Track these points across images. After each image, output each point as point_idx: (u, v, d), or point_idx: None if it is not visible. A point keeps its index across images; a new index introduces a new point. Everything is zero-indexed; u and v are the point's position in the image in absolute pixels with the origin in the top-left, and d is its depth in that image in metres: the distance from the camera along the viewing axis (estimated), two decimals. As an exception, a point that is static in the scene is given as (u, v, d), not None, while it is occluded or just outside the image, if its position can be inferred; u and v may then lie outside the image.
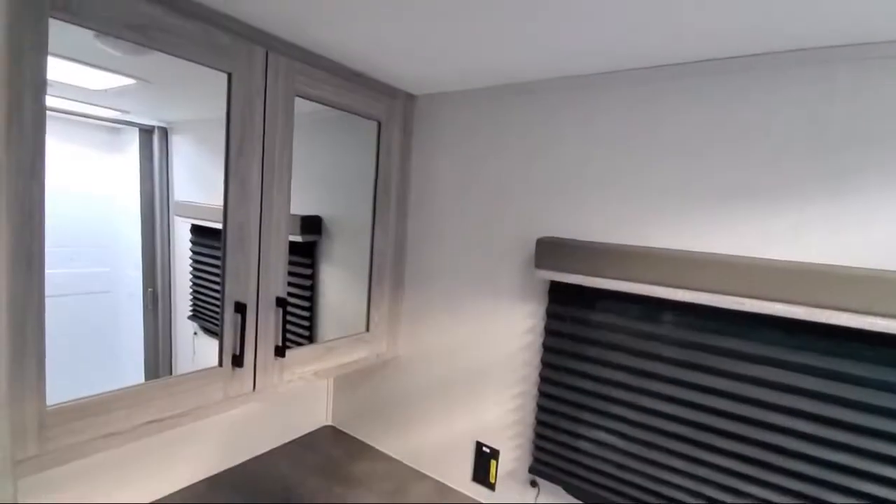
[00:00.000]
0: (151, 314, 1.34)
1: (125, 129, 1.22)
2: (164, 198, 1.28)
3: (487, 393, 1.15)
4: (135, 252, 1.27)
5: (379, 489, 1.21)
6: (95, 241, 1.19)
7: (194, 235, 1.27)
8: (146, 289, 1.30)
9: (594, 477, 0.96)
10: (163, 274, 1.31)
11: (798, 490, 0.76)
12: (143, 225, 1.28)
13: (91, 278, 1.19)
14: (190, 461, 1.16)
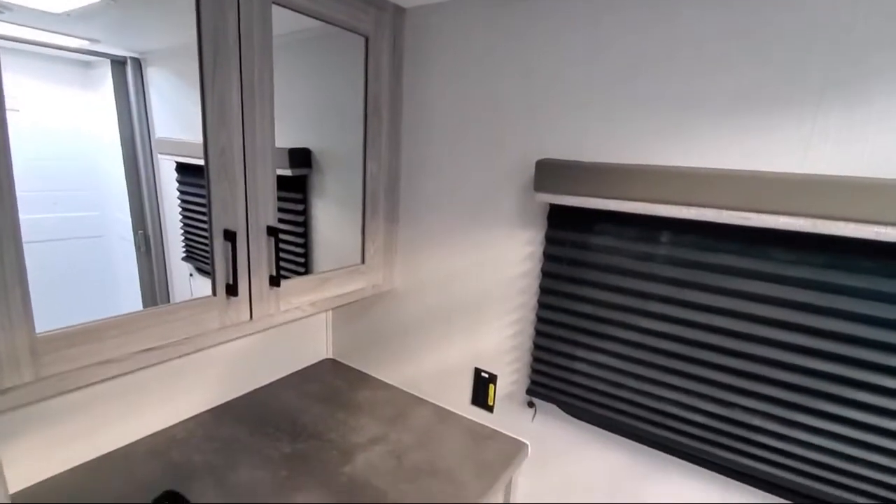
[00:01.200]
0: (145, 257, 1.31)
1: (97, 63, 1.12)
2: (145, 136, 1.21)
3: (485, 321, 1.16)
4: (121, 194, 1.22)
5: (380, 414, 1.25)
6: (80, 185, 1.14)
7: (180, 175, 1.22)
8: (136, 231, 1.27)
9: (590, 395, 0.99)
10: (152, 215, 1.27)
11: (792, 401, 0.78)
12: (125, 165, 1.22)
13: (80, 223, 1.15)
14: (194, 393, 1.18)
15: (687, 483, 0.94)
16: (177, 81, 1.14)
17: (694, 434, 0.88)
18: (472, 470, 1.05)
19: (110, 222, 1.23)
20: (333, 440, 1.13)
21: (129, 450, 1.05)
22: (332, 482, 0.99)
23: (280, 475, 1.00)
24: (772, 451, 0.81)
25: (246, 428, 1.16)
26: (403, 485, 0.99)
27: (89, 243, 1.19)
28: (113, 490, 0.92)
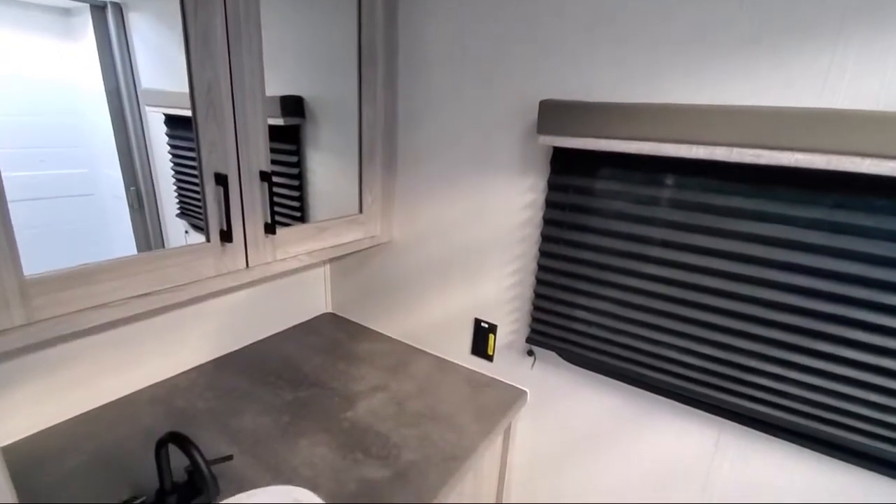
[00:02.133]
0: (139, 214, 1.28)
1: (77, 10, 1.05)
2: (131, 87, 1.15)
3: (485, 271, 1.15)
4: (110, 150, 1.18)
5: (381, 364, 1.26)
6: (67, 142, 1.10)
7: (169, 128, 1.17)
8: (128, 188, 1.23)
9: (589, 342, 0.99)
10: (143, 171, 1.23)
11: (791, 342, 0.78)
12: (112, 119, 1.17)
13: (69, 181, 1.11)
14: (194, 344, 1.18)
15: (683, 425, 0.96)
16: (159, 27, 1.07)
17: (692, 377, 0.89)
18: (471, 415, 1.06)
19: (101, 180, 1.19)
20: (335, 388, 1.14)
21: (131, 398, 1.06)
22: (335, 427, 1.00)
23: (283, 421, 1.01)
24: (769, 392, 0.82)
25: (247, 377, 1.16)
26: (405, 429, 1.01)
27: (81, 202, 1.16)
28: (118, 435, 0.94)
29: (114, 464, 0.87)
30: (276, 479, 0.85)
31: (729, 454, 0.92)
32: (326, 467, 0.89)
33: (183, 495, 0.77)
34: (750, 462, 0.90)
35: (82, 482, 0.82)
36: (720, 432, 0.92)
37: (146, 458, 0.87)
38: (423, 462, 0.92)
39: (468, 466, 0.94)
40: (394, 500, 0.82)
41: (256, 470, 0.87)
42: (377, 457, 0.93)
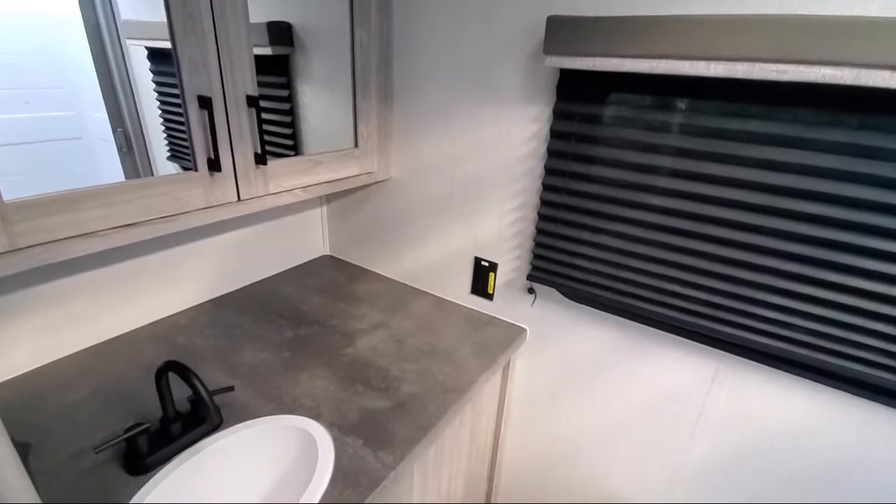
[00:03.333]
0: (128, 157, 1.23)
1: None
2: (111, 20, 1.07)
3: (486, 207, 1.12)
4: (95, 91, 1.11)
5: (380, 304, 1.25)
6: (51, 82, 1.03)
7: (153, 64, 1.09)
8: (115, 129, 1.18)
9: (591, 278, 0.97)
10: (129, 111, 1.16)
11: (800, 273, 0.76)
12: (94, 55, 1.09)
13: (56, 124, 1.06)
14: (193, 283, 1.17)
15: (682, 358, 0.97)
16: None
17: (694, 310, 0.88)
18: (471, 351, 1.07)
19: (88, 122, 1.13)
20: (335, 326, 1.14)
21: (132, 335, 1.06)
22: (335, 362, 1.01)
23: (283, 356, 1.02)
24: (772, 324, 0.81)
25: (247, 316, 1.16)
26: (405, 364, 1.01)
27: (69, 146, 1.11)
28: (120, 370, 0.94)
29: (116, 396, 0.88)
30: (279, 410, 0.86)
31: (726, 385, 0.93)
32: (328, 398, 0.90)
33: (186, 423, 0.78)
34: (746, 393, 0.91)
35: (85, 414, 0.83)
36: (718, 364, 0.93)
37: (149, 390, 0.88)
38: (423, 394, 0.93)
39: (467, 398, 0.95)
40: (394, 428, 0.84)
41: (258, 401, 0.88)
42: (378, 389, 0.94)
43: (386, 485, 0.74)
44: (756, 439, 0.92)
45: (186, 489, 0.73)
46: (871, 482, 0.83)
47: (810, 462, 0.88)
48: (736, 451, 0.96)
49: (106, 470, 0.72)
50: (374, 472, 0.75)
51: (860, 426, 0.81)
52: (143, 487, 0.69)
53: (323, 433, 0.81)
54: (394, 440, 0.81)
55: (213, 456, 0.77)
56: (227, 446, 0.78)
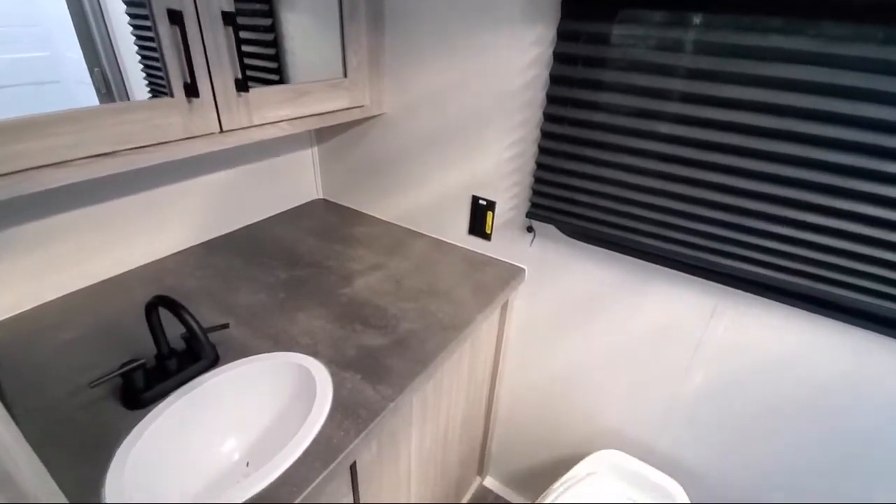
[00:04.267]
0: (107, 99, 1.16)
1: None
2: None
3: (484, 143, 1.07)
4: (69, 29, 1.02)
5: (377, 246, 1.23)
6: (22, 19, 0.94)
7: None
8: (92, 70, 1.09)
9: (592, 213, 0.94)
10: (105, 49, 1.07)
11: (810, 201, 0.74)
12: None
13: (31, 65, 0.98)
14: (182, 226, 1.14)
15: (681, 293, 0.96)
16: None
17: (697, 243, 0.86)
18: (469, 291, 1.05)
19: (64, 64, 1.05)
20: (331, 267, 1.12)
21: (122, 278, 1.03)
22: (332, 302, 0.99)
23: (279, 297, 1.00)
24: (777, 255, 0.79)
25: (240, 258, 1.14)
26: (403, 303, 1.00)
27: (47, 90, 1.04)
28: (112, 310, 0.92)
29: (110, 335, 0.86)
30: (276, 348, 0.85)
31: (724, 319, 0.92)
32: (325, 336, 0.89)
33: (182, 360, 0.77)
34: (745, 326, 0.91)
35: (78, 353, 0.82)
36: (718, 299, 0.92)
37: (143, 330, 0.86)
38: (422, 331, 0.92)
39: (466, 335, 0.95)
40: (393, 363, 0.83)
41: (255, 339, 0.87)
42: (376, 327, 0.93)
43: (385, 416, 0.74)
44: (752, 371, 0.93)
45: (186, 423, 0.73)
46: (865, 409, 0.84)
47: (805, 391, 0.89)
48: (731, 382, 0.97)
49: (103, 405, 0.72)
50: (372, 403, 0.75)
51: (857, 355, 0.82)
52: (141, 421, 0.69)
53: (321, 369, 0.81)
54: (392, 375, 0.81)
55: (212, 391, 0.77)
56: (225, 382, 0.78)
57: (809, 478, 0.95)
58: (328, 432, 0.70)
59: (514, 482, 1.56)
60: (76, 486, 0.60)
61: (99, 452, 0.64)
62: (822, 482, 0.94)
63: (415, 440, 0.97)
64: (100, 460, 0.63)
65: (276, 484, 0.62)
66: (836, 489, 0.93)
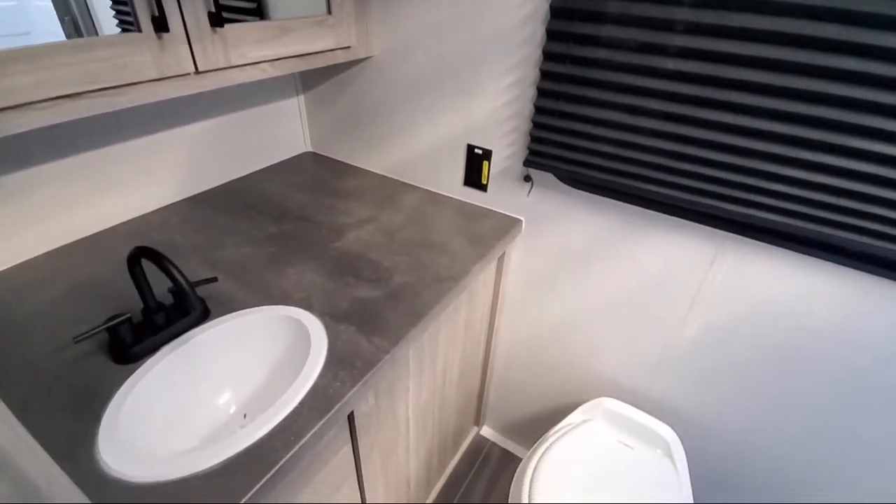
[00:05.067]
0: None
1: None
2: None
3: (480, 86, 1.01)
4: None
5: (369, 199, 1.19)
6: None
7: None
8: (62, 18, 1.00)
9: (592, 159, 0.91)
10: None
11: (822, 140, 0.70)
12: None
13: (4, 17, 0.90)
14: (166, 180, 1.09)
15: (681, 241, 0.94)
16: None
17: (701, 189, 0.82)
18: (465, 243, 1.03)
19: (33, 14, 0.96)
20: (321, 221, 1.09)
21: (105, 234, 1.00)
22: (324, 255, 0.97)
23: (268, 251, 0.97)
24: (783, 199, 0.77)
25: (226, 213, 1.10)
26: (397, 256, 0.98)
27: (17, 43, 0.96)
28: (97, 267, 0.89)
29: (95, 292, 0.84)
30: (267, 302, 0.83)
31: (724, 266, 0.91)
32: (318, 290, 0.87)
33: (171, 315, 0.75)
34: (744, 274, 0.89)
35: (64, 309, 0.80)
36: (719, 246, 0.90)
37: (129, 285, 0.83)
38: (417, 283, 0.90)
39: (462, 287, 0.93)
40: (388, 315, 0.82)
41: (245, 294, 0.85)
42: (369, 280, 0.90)
43: (381, 367, 0.73)
44: (749, 318, 0.93)
45: (178, 377, 0.72)
46: (860, 352, 0.84)
47: (802, 337, 0.89)
48: (727, 330, 0.97)
49: (92, 361, 0.70)
50: (368, 355, 0.74)
51: (858, 300, 0.81)
52: (132, 376, 0.68)
53: (315, 321, 0.79)
54: (387, 326, 0.79)
55: (204, 345, 0.75)
56: (216, 336, 0.76)
57: (801, 421, 0.97)
58: (324, 383, 0.69)
59: (511, 431, 1.60)
60: (69, 441, 0.59)
61: (90, 407, 0.63)
62: (814, 426, 0.96)
63: (412, 391, 0.98)
64: (91, 415, 0.62)
65: (273, 433, 0.61)
66: (828, 432, 0.95)
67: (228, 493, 0.54)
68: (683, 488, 1.02)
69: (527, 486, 0.99)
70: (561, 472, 1.02)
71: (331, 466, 0.77)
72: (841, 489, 0.99)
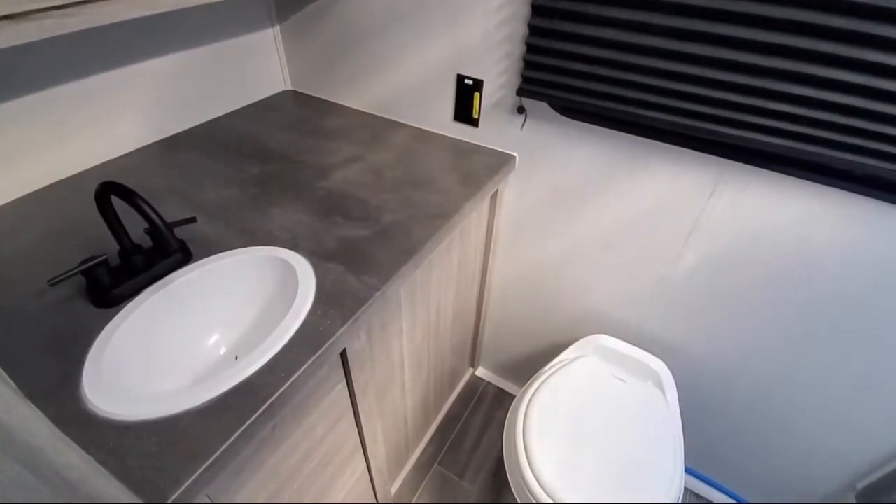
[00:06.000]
0: None
1: None
2: None
3: (469, 7, 0.93)
4: None
5: (354, 138, 1.13)
6: None
7: None
8: None
9: (590, 85, 0.85)
10: None
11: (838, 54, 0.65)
12: None
13: None
14: (135, 121, 1.02)
15: (680, 170, 0.90)
16: None
17: (704, 112, 0.78)
18: (456, 180, 0.99)
19: None
20: (305, 161, 1.04)
21: (76, 179, 0.95)
22: (309, 195, 0.93)
23: (251, 192, 0.93)
24: (789, 120, 0.73)
25: (204, 155, 1.04)
26: (386, 194, 0.94)
27: None
28: (71, 212, 0.85)
29: (71, 237, 0.80)
30: (252, 242, 0.80)
31: (724, 197, 0.88)
32: (304, 230, 0.84)
33: (150, 257, 0.72)
34: (745, 203, 0.87)
35: (39, 256, 0.76)
36: (720, 176, 0.87)
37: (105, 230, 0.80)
38: (407, 220, 0.87)
39: (454, 224, 0.90)
40: (378, 254, 0.79)
41: (228, 235, 0.82)
42: (358, 218, 0.87)
43: (372, 304, 0.71)
44: (747, 248, 0.91)
45: (163, 320, 0.70)
46: (858, 278, 0.84)
47: (799, 265, 0.88)
48: (723, 262, 0.96)
49: (72, 305, 0.68)
50: (358, 293, 0.72)
51: (859, 226, 0.79)
52: (113, 318, 0.65)
53: (302, 261, 0.76)
54: (377, 265, 0.77)
55: (187, 288, 0.73)
56: (200, 278, 0.74)
57: (790, 349, 0.98)
58: (314, 321, 0.67)
59: (506, 371, 1.63)
60: (52, 383, 0.58)
61: (72, 350, 0.61)
62: (803, 352, 0.97)
63: (406, 332, 0.97)
64: (74, 358, 0.60)
65: (263, 370, 0.60)
66: (816, 359, 0.96)
67: (221, 427, 0.54)
68: (672, 417, 1.05)
69: (521, 420, 1.02)
70: (554, 406, 1.04)
71: (327, 403, 0.77)
72: (825, 413, 1.02)
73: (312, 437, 0.77)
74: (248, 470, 0.64)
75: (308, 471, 0.81)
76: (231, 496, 0.63)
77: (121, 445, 0.52)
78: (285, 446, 0.71)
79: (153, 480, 0.49)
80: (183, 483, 0.49)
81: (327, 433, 0.82)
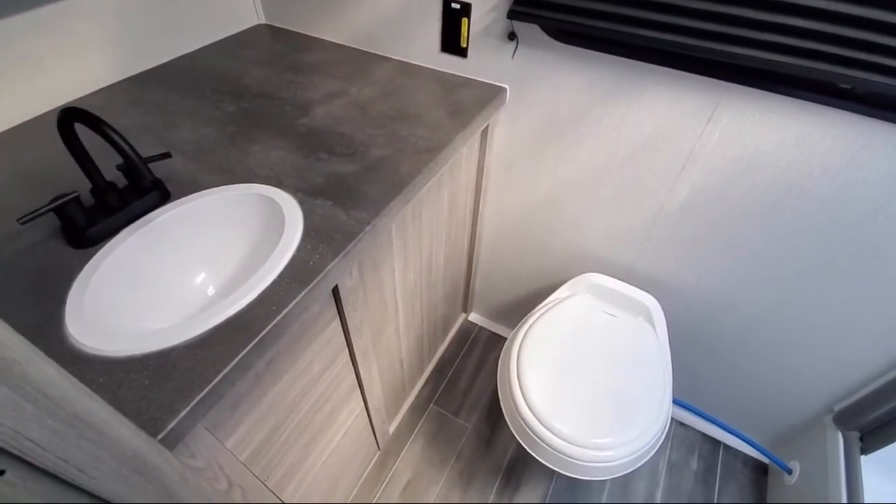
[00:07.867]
0: None
1: None
2: None
3: (453, -82, 0.85)
4: None
5: (335, 72, 1.07)
6: None
7: None
8: None
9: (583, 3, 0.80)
10: None
11: None
12: None
13: None
14: (100, 57, 0.95)
15: (679, 96, 0.87)
16: None
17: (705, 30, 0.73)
18: (444, 114, 0.94)
19: None
20: (284, 98, 0.98)
21: (40, 121, 0.89)
22: (291, 132, 0.88)
23: (228, 130, 0.88)
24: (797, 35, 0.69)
25: (176, 92, 0.98)
26: (371, 129, 0.90)
27: None
28: (37, 153, 0.81)
29: (40, 178, 0.76)
30: (233, 180, 0.77)
31: (722, 122, 0.85)
32: (287, 167, 0.80)
33: (126, 195, 0.68)
34: (743, 128, 0.84)
35: (8, 198, 0.72)
36: (719, 100, 0.84)
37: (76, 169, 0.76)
38: (395, 155, 0.84)
39: (444, 158, 0.87)
40: (366, 189, 0.76)
41: (207, 174, 0.78)
42: (343, 154, 0.83)
43: (363, 239, 0.69)
44: (742, 176, 0.90)
45: (145, 259, 0.67)
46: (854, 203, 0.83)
47: (795, 192, 0.87)
48: (717, 192, 0.94)
49: (48, 247, 0.65)
50: (347, 227, 0.70)
51: (859, 147, 0.77)
52: (92, 259, 0.63)
53: (287, 198, 0.73)
54: (366, 199, 0.74)
55: (168, 227, 0.70)
56: (180, 217, 0.71)
57: (780, 280, 0.99)
58: (303, 256, 0.65)
59: (499, 315, 1.65)
60: (34, 323, 0.56)
61: (52, 291, 0.59)
62: (792, 283, 0.98)
63: (398, 272, 0.96)
64: (54, 299, 0.58)
65: (253, 304, 0.59)
66: (804, 290, 0.98)
67: (214, 359, 0.53)
68: (662, 349, 1.08)
69: (515, 353, 1.03)
70: (547, 340, 1.06)
71: (322, 340, 0.77)
72: (807, 345, 1.05)
73: (309, 374, 0.77)
74: (246, 403, 0.64)
75: (307, 407, 0.81)
76: (230, 430, 0.63)
77: (111, 380, 0.51)
78: (282, 382, 0.71)
79: (148, 411, 0.48)
80: (179, 412, 0.49)
81: (324, 371, 0.82)
